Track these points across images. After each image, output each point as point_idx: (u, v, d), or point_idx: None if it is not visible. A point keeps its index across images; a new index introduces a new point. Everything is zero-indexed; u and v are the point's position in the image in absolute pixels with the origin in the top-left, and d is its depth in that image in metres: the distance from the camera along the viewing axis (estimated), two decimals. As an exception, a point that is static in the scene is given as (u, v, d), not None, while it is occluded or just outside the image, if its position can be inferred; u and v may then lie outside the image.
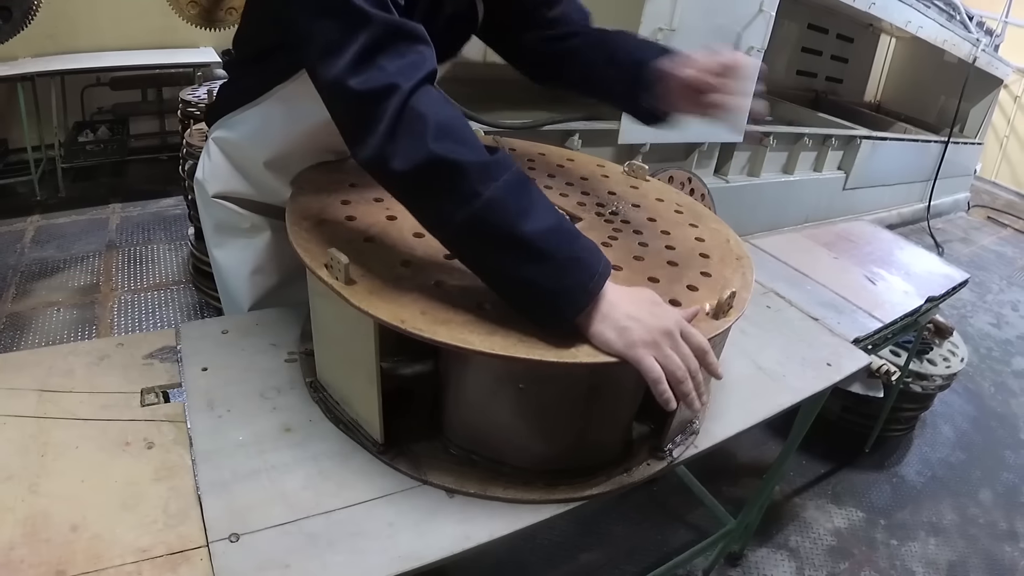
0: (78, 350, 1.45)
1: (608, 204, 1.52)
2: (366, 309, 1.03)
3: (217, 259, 1.66)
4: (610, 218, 1.45)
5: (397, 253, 1.19)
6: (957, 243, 6.38)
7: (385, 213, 1.32)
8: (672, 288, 1.22)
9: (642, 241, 1.38)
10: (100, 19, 4.83)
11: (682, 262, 1.33)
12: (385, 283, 1.10)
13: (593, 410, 1.17)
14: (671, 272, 1.28)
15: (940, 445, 3.42)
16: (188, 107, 3.57)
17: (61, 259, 4.00)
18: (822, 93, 6.83)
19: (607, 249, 1.30)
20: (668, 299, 1.17)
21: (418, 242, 1.24)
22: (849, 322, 1.99)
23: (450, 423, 1.26)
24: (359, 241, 1.21)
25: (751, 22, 3.88)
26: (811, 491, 2.95)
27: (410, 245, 1.23)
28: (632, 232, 1.41)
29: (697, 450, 1.36)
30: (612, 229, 1.41)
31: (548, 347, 1.01)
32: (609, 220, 1.44)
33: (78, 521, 1.07)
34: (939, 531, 2.85)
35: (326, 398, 1.33)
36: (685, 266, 1.31)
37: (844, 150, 5.38)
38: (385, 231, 1.26)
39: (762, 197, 4.79)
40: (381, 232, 1.25)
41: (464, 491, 1.17)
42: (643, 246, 1.36)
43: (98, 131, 5.02)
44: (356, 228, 1.26)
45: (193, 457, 1.20)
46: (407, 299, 1.07)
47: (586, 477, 1.22)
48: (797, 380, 1.65)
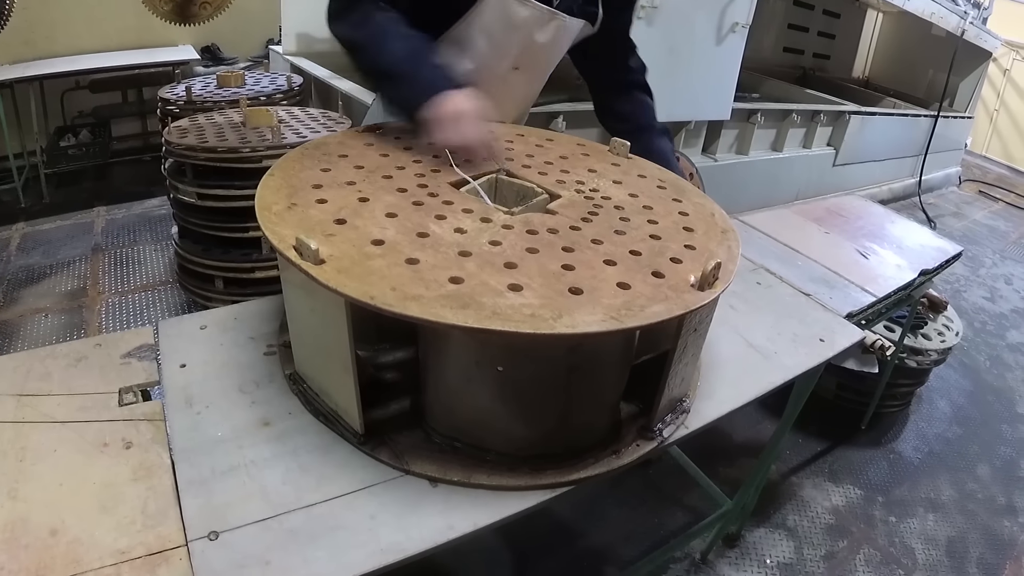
0: (56, 353, 1.42)
1: (587, 182, 1.49)
2: (335, 287, 1.00)
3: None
4: (590, 195, 1.42)
5: (368, 233, 1.17)
6: (949, 217, 6.36)
7: (356, 195, 1.29)
8: (655, 260, 1.19)
9: (624, 216, 1.35)
10: (76, 22, 4.79)
11: (665, 235, 1.29)
12: (355, 262, 1.07)
13: (575, 390, 1.14)
14: (654, 245, 1.25)
15: (936, 420, 3.40)
16: (167, 105, 3.54)
17: (47, 265, 3.97)
18: (810, 70, 6.81)
19: (586, 226, 1.28)
20: (651, 271, 1.15)
21: (390, 222, 1.20)
22: (842, 297, 1.96)
23: (431, 411, 1.23)
24: (329, 223, 1.19)
25: (734, -2, 3.85)
26: (808, 470, 2.93)
27: (382, 225, 1.19)
28: (613, 208, 1.38)
29: (688, 430, 1.33)
30: (592, 205, 1.38)
31: (522, 319, 0.98)
32: (589, 197, 1.41)
33: (57, 525, 1.05)
34: (937, 507, 2.84)
35: (305, 390, 1.30)
36: (668, 239, 1.28)
37: (833, 126, 5.36)
38: (356, 212, 1.23)
39: (751, 175, 4.77)
40: (352, 214, 1.22)
41: (447, 479, 1.15)
42: (624, 221, 1.33)
43: (80, 135, 4.99)
44: (327, 211, 1.23)
45: (171, 456, 1.18)
46: (377, 277, 1.04)
47: (573, 461, 1.19)
48: (789, 357, 1.62)
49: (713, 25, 3.89)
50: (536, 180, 1.45)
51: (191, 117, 3.19)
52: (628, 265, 1.16)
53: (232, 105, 3.46)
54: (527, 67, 1.80)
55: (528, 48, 1.73)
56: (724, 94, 4.21)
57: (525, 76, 1.83)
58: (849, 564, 2.50)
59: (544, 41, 1.73)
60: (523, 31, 1.69)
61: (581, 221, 1.29)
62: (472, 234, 1.20)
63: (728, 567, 2.40)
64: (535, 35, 1.71)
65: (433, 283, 1.04)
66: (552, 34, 1.73)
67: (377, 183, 1.35)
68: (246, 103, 3.16)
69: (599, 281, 1.10)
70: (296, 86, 3.90)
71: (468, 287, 1.04)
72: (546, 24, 1.69)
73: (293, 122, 3.13)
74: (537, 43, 1.73)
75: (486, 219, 1.26)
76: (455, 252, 1.13)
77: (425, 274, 1.06)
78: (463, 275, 1.06)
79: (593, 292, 1.06)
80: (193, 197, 2.86)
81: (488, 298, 1.01)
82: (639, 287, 1.10)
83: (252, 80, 3.92)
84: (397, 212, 1.23)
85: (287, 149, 2.78)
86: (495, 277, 1.07)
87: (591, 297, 1.05)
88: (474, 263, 1.10)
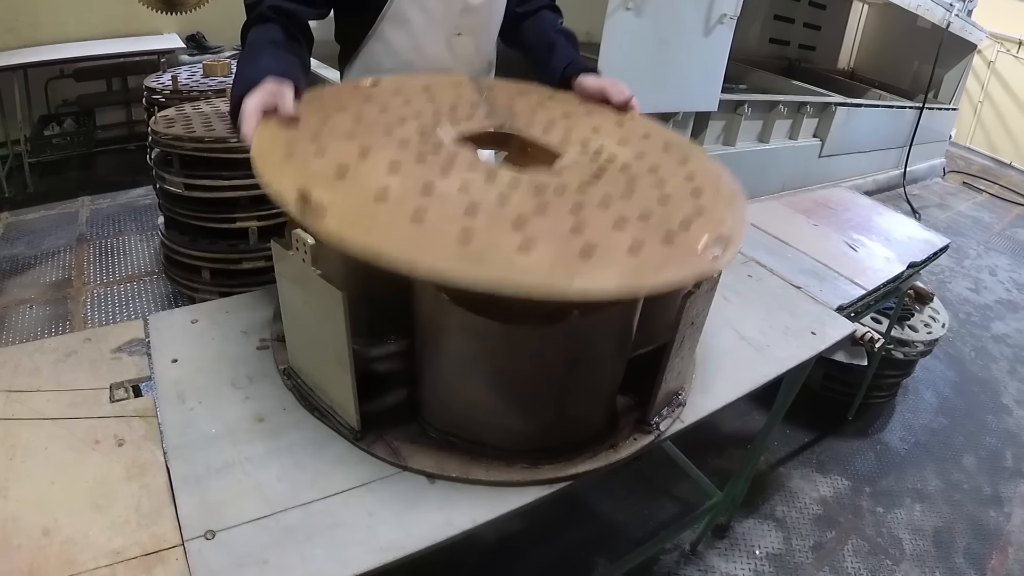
0: (44, 347, 1.41)
1: (592, 141, 1.41)
2: (339, 241, 0.94)
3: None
4: (594, 157, 1.33)
5: (369, 188, 1.08)
6: (934, 209, 6.40)
7: (356, 150, 1.19)
8: (665, 224, 1.11)
9: (630, 177, 1.26)
10: (61, 10, 4.72)
11: (674, 198, 1.20)
12: (359, 218, 1.00)
13: (573, 384, 1.14)
14: (662, 208, 1.16)
15: (922, 411, 3.42)
16: (153, 94, 3.50)
17: (32, 255, 3.92)
18: (795, 61, 6.81)
19: (593, 187, 1.19)
20: (662, 234, 1.07)
21: (392, 178, 1.11)
22: (832, 289, 1.97)
23: (427, 405, 1.23)
24: (330, 176, 1.09)
25: (722, -12, 3.84)
26: (796, 460, 2.94)
27: (383, 180, 1.10)
28: (619, 169, 1.29)
29: (684, 424, 1.33)
30: (597, 167, 1.28)
31: (538, 281, 0.92)
32: (593, 159, 1.32)
33: (49, 525, 1.04)
34: (924, 497, 2.86)
35: (299, 385, 1.29)
36: (677, 202, 1.19)
37: (819, 117, 5.37)
38: (356, 168, 1.13)
39: (738, 166, 4.74)
40: (352, 168, 1.12)
41: (445, 475, 1.15)
42: (631, 182, 1.24)
43: (64, 124, 4.93)
44: (326, 164, 1.14)
45: (165, 453, 1.17)
46: (382, 232, 0.96)
47: (571, 455, 1.19)
48: (781, 349, 1.62)
49: (701, 16, 3.87)
50: (539, 139, 1.39)
51: (177, 106, 3.16)
52: (638, 228, 1.07)
53: (218, 94, 3.42)
54: (470, 30, 1.79)
55: (465, 11, 1.73)
56: (712, 85, 4.20)
57: (471, 39, 1.81)
58: (837, 554, 2.51)
59: (479, 3, 1.74)
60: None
61: (587, 182, 1.21)
62: (478, 191, 1.11)
63: (718, 558, 2.42)
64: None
65: (441, 241, 0.96)
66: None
67: (376, 137, 1.26)
68: (233, 93, 3.13)
69: (610, 243, 1.02)
70: (283, 75, 3.86)
71: (478, 246, 0.96)
72: None
73: (281, 112, 3.10)
74: (472, 5, 1.73)
75: (491, 177, 1.17)
76: (461, 210, 1.04)
77: (432, 230, 0.98)
78: (472, 233, 0.98)
79: (605, 255, 0.99)
80: (180, 187, 2.83)
81: (499, 256, 0.95)
82: (651, 250, 1.02)
83: (239, 69, 3.89)
84: (399, 167, 1.14)
85: (275, 140, 2.78)
86: (505, 236, 1.00)
87: (603, 260, 0.98)
88: (482, 221, 1.02)
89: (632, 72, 3.73)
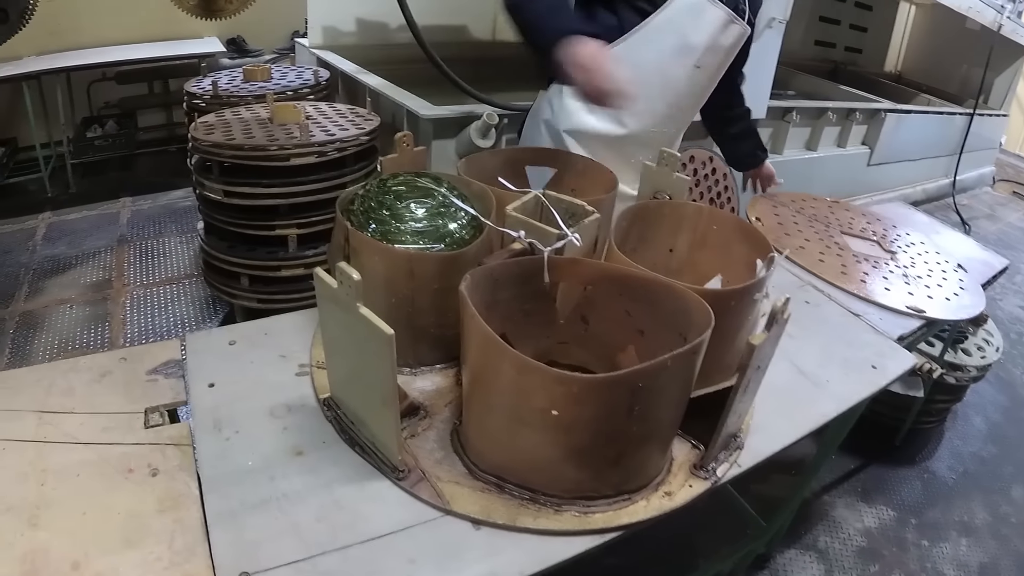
0: (79, 366, 1.38)
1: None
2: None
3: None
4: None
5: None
6: (983, 220, 6.21)
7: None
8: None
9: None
10: (102, 14, 4.78)
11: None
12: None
13: (633, 430, 1.06)
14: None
15: (971, 438, 3.30)
16: (193, 99, 3.48)
17: (73, 255, 3.95)
18: (841, 64, 6.67)
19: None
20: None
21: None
22: (891, 318, 1.87)
23: (474, 446, 1.17)
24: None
25: (772, -9, 3.74)
26: (841, 488, 2.84)
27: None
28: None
29: (741, 468, 1.26)
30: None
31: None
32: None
33: (79, 558, 1.00)
34: (970, 531, 2.75)
35: (340, 417, 1.24)
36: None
37: (868, 124, 5.22)
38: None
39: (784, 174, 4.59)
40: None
41: (491, 522, 1.08)
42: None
43: (106, 126, 4.97)
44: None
45: (200, 485, 1.12)
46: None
47: (623, 502, 1.13)
48: (841, 385, 1.54)
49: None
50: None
51: (217, 112, 3.14)
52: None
53: (259, 100, 3.40)
54: (708, 68, 1.89)
55: (711, 48, 1.84)
56: (760, 92, 4.10)
57: (705, 75, 1.92)
58: (881, 590, 2.42)
59: (728, 44, 1.88)
60: (712, 32, 1.83)
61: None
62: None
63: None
64: (719, 38, 1.85)
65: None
66: (735, 39, 1.88)
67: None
68: (273, 98, 3.10)
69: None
70: (323, 80, 3.83)
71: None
72: (731, 27, 1.84)
73: (321, 118, 3.07)
74: (721, 46, 1.86)
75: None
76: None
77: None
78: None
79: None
80: (219, 194, 2.81)
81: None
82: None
83: (278, 74, 3.86)
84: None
85: (315, 147, 2.75)
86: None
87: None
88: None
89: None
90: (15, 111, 4.59)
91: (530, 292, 1.24)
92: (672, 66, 1.86)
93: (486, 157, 1.71)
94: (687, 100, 1.99)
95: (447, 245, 1.32)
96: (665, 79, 1.89)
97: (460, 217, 1.36)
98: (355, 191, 1.44)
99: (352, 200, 1.41)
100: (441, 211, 1.36)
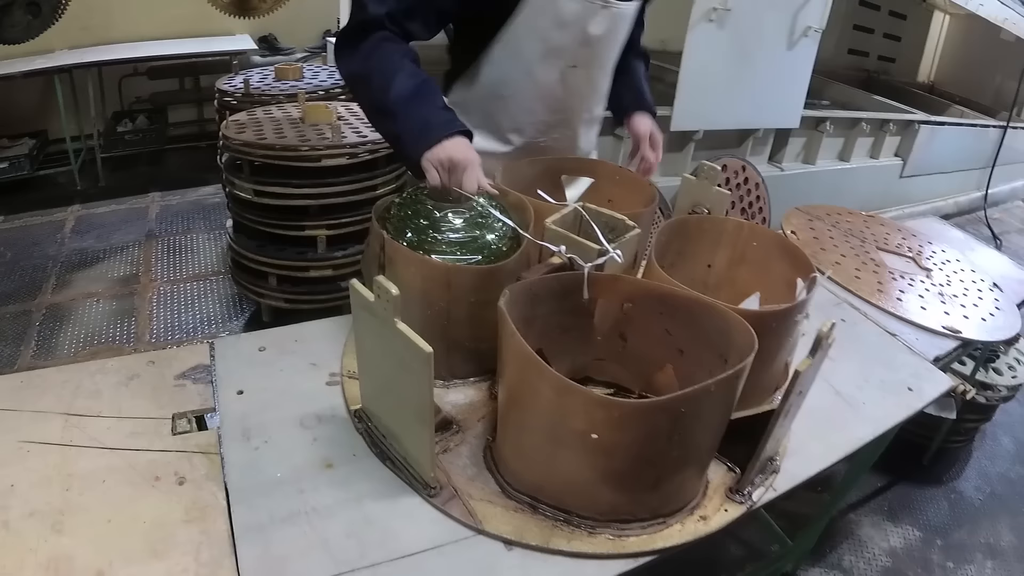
0: (106, 368, 1.37)
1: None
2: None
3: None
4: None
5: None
6: (1015, 235, 6.09)
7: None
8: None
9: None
10: (134, 9, 4.81)
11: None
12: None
13: (673, 455, 1.04)
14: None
15: (999, 458, 3.23)
16: (224, 97, 3.49)
17: (101, 249, 3.98)
18: (874, 73, 6.58)
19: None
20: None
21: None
22: (927, 338, 1.83)
23: (508, 464, 1.15)
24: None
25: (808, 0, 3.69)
26: (867, 506, 2.80)
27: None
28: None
29: (776, 492, 1.24)
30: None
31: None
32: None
33: (104, 567, 0.99)
34: (996, 553, 2.69)
35: (371, 429, 1.22)
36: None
37: (902, 135, 5.14)
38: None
39: (816, 185, 4.60)
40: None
41: (523, 543, 1.06)
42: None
43: (136, 120, 5.00)
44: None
45: (227, 496, 1.11)
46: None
47: (658, 525, 1.10)
48: (877, 407, 1.51)
49: (785, 28, 3.74)
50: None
51: (248, 111, 3.15)
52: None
53: (290, 99, 3.40)
54: (586, 64, 1.72)
55: (584, 43, 1.66)
56: (794, 101, 4.06)
57: (585, 73, 1.75)
58: (904, 611, 2.38)
59: (599, 33, 1.66)
60: (575, 26, 1.62)
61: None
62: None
63: (781, 607, 2.30)
64: (588, 28, 1.63)
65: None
66: (607, 25, 1.66)
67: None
68: (304, 98, 3.10)
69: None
70: (354, 80, 3.83)
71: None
72: (597, 15, 1.62)
73: (352, 119, 3.06)
74: (592, 36, 1.66)
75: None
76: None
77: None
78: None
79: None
80: (249, 193, 2.81)
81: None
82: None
83: (310, 73, 3.87)
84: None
85: (346, 148, 2.74)
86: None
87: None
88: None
89: (712, 86, 3.64)
90: (46, 104, 4.62)
91: (568, 308, 1.22)
92: (543, 72, 1.69)
93: (524, 166, 1.68)
94: (573, 101, 1.80)
95: (485, 257, 1.30)
96: (538, 87, 1.71)
97: (498, 228, 1.34)
98: (391, 199, 1.42)
99: (388, 208, 1.39)
100: (479, 221, 1.33)
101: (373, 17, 1.44)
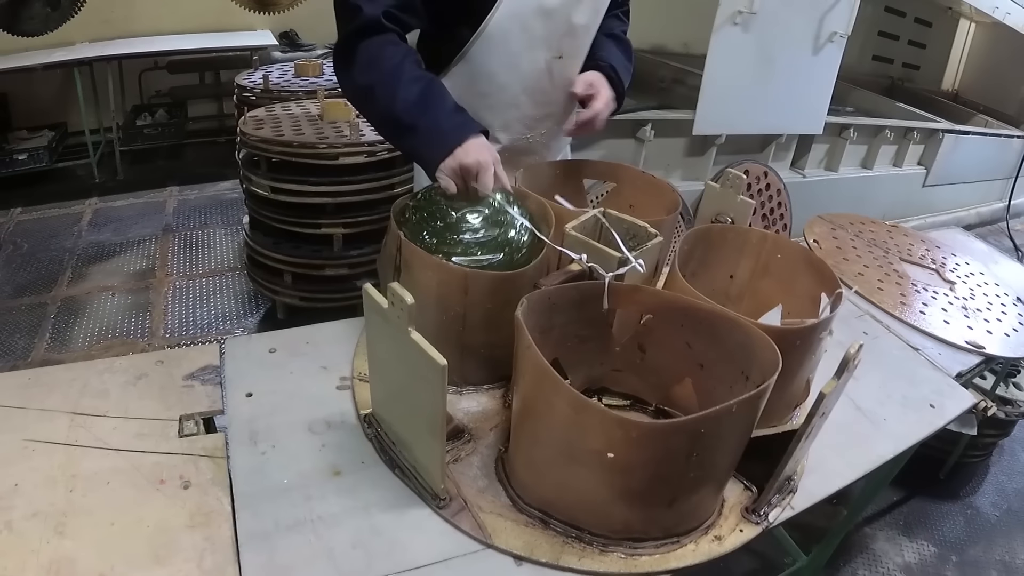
0: (114, 367, 1.36)
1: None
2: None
3: None
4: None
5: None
6: (1036, 246, 6.03)
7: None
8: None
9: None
10: (155, 3, 4.83)
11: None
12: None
13: (690, 475, 1.01)
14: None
15: (1017, 474, 3.17)
16: (243, 92, 3.49)
17: (117, 243, 3.98)
18: (898, 80, 6.51)
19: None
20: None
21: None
22: (950, 353, 1.79)
23: (519, 478, 1.12)
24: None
25: (834, 5, 3.64)
26: (882, 521, 2.75)
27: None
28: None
29: (794, 511, 1.20)
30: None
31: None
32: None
33: (105, 571, 0.97)
34: (1011, 571, 2.64)
35: (381, 436, 1.20)
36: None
37: (925, 144, 5.09)
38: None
39: (839, 192, 4.56)
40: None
41: (534, 560, 1.03)
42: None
43: (156, 114, 5.01)
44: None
45: (232, 501, 1.09)
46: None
47: (671, 545, 1.07)
48: (899, 424, 1.47)
49: (811, 33, 3.70)
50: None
51: (267, 107, 3.14)
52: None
53: (309, 95, 3.39)
54: (571, 54, 1.68)
55: (568, 33, 1.63)
56: (818, 107, 4.01)
57: (571, 63, 1.70)
58: (917, 628, 2.33)
59: (583, 23, 1.64)
60: (559, 15, 1.59)
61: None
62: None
63: (794, 622, 2.26)
64: (573, 17, 1.60)
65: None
66: (590, 14, 1.64)
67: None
68: (324, 95, 3.08)
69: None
70: (374, 78, 3.81)
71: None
72: (582, 3, 1.60)
73: (370, 117, 3.05)
74: (577, 26, 1.63)
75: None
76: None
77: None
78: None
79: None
80: (266, 190, 2.80)
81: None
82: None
83: (330, 70, 3.85)
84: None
85: (365, 146, 2.72)
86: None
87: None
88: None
89: (735, 90, 3.60)
90: (66, 96, 4.65)
91: (586, 317, 1.19)
92: (527, 65, 1.64)
93: (544, 168, 1.65)
94: (561, 94, 1.73)
95: (506, 254, 1.27)
96: (524, 82, 1.67)
97: (517, 223, 1.31)
98: (406, 199, 1.39)
99: (404, 209, 1.37)
100: (498, 219, 1.31)
101: (369, 20, 1.41)
